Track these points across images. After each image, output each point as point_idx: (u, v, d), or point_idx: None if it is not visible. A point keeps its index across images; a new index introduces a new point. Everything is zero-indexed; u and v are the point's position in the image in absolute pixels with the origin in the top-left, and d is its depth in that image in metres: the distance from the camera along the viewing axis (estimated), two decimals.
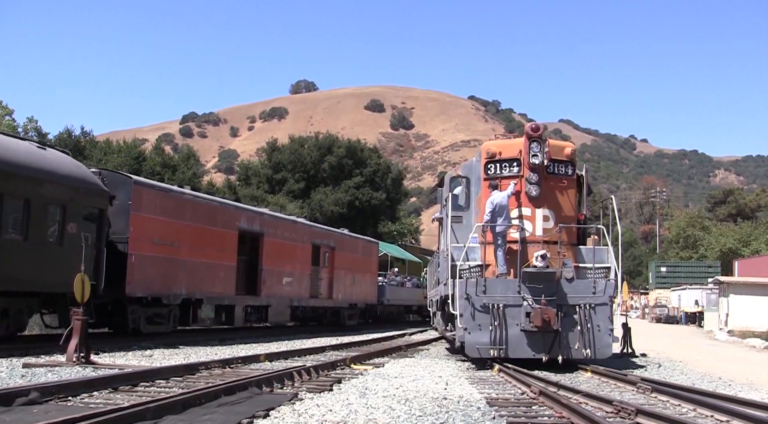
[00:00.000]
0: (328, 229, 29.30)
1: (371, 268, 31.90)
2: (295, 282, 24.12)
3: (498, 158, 14.86)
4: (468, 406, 8.39)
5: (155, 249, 17.50)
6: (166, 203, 18.04)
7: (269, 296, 22.65)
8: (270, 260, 22.50)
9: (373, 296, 31.72)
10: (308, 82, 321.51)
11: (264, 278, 22.12)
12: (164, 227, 17.85)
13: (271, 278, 22.54)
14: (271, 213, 24.31)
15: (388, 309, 34.37)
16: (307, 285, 25.12)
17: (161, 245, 17.68)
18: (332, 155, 60.84)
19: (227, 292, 20.45)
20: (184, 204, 18.74)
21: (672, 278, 61.13)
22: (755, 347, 24.07)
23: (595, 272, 14.11)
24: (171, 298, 18.32)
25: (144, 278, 17.15)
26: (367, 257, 31.51)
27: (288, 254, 23.74)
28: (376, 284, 32.38)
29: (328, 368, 12.07)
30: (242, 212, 21.66)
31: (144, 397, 8.26)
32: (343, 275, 28.29)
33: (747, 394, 10.51)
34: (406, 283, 36.82)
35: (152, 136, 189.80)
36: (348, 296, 28.89)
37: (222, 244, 20.11)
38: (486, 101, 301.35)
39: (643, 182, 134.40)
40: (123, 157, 46.89)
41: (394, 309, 35.46)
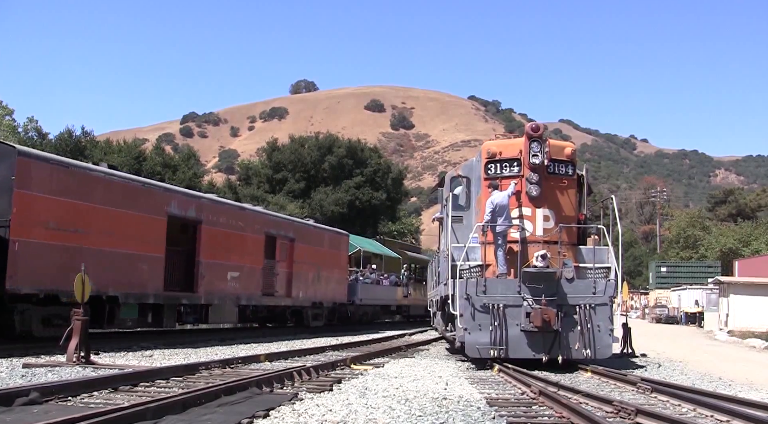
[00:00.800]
0: (287, 217, 26.12)
1: (340, 263, 28.59)
2: (243, 278, 20.98)
3: (498, 158, 14.85)
4: (468, 406, 8.39)
5: (50, 236, 14.51)
6: (67, 181, 15.01)
7: (209, 293, 19.55)
8: (210, 252, 19.44)
9: (343, 294, 28.47)
10: (308, 82, 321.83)
11: (202, 273, 19.04)
12: (64, 209, 14.86)
13: (212, 272, 19.50)
14: (212, 197, 21.15)
15: (362, 309, 31.42)
16: (259, 281, 21.94)
17: (59, 231, 14.70)
18: (332, 155, 60.89)
19: (153, 288, 17.32)
20: (92, 183, 15.59)
21: (672, 278, 61.12)
22: (755, 347, 24.06)
23: (596, 272, 14.10)
24: None
25: (33, 270, 14.12)
26: (335, 250, 28.10)
27: (234, 246, 20.63)
28: (346, 281, 29.15)
29: (328, 368, 12.07)
30: (172, 195, 18.35)
31: (144, 397, 8.26)
32: (305, 270, 25.06)
33: (747, 394, 10.50)
34: (382, 281, 33.59)
35: (152, 136, 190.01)
36: (311, 294, 25.66)
37: (145, 232, 17.02)
38: (486, 101, 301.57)
39: (643, 182, 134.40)
40: (123, 157, 46.96)
41: (368, 309, 32.38)
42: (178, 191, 19.30)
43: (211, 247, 19.54)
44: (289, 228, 24.34)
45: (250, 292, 21.63)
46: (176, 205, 18.22)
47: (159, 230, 17.56)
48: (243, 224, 21.15)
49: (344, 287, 28.67)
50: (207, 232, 19.36)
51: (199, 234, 19.18)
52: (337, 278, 28.03)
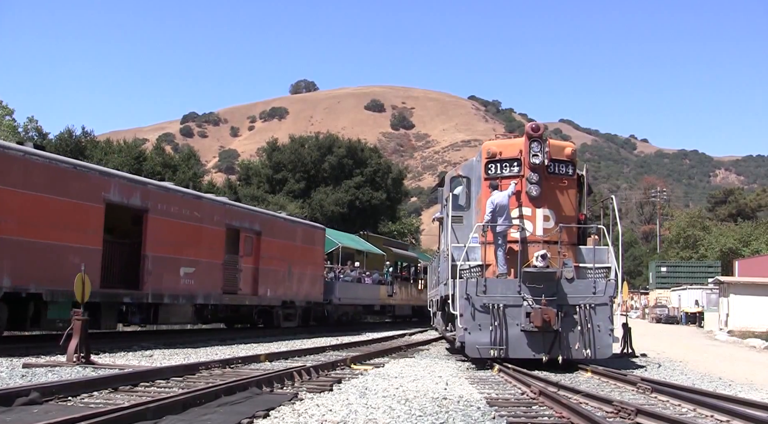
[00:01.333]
0: (252, 209, 23.82)
1: (315, 259, 26.30)
2: (200, 274, 18.97)
3: (498, 158, 14.85)
4: (468, 406, 8.39)
5: None
6: None
7: (158, 290, 17.49)
8: (160, 244, 17.49)
9: (318, 293, 26.37)
10: (308, 82, 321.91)
11: (149, 268, 16.98)
12: None
13: (162, 267, 17.51)
14: (161, 184, 19.18)
15: (341, 309, 29.37)
16: (219, 278, 20.06)
17: None
18: (332, 155, 60.92)
19: None
20: (7, 163, 13.73)
21: (672, 278, 61.12)
22: (755, 347, 24.06)
23: (596, 272, 14.10)
24: None
25: None
26: (309, 245, 25.82)
27: (189, 238, 18.67)
28: (322, 279, 26.92)
29: (328, 368, 12.07)
30: (111, 180, 16.31)
31: (144, 397, 8.26)
32: (274, 266, 22.98)
33: (747, 394, 10.50)
34: (364, 279, 31.31)
35: (153, 136, 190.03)
36: (282, 293, 23.61)
37: (78, 221, 15.19)
38: (486, 101, 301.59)
39: (643, 182, 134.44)
40: (124, 157, 46.99)
41: (348, 309, 30.30)
42: (119, 176, 17.14)
43: (161, 239, 17.57)
44: (254, 220, 22.24)
45: (209, 290, 19.64)
46: (117, 191, 16.23)
47: (94, 219, 15.53)
48: (200, 215, 19.18)
49: (320, 286, 26.51)
50: (155, 222, 17.38)
51: (146, 224, 17.18)
52: (312, 276, 25.83)
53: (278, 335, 22.46)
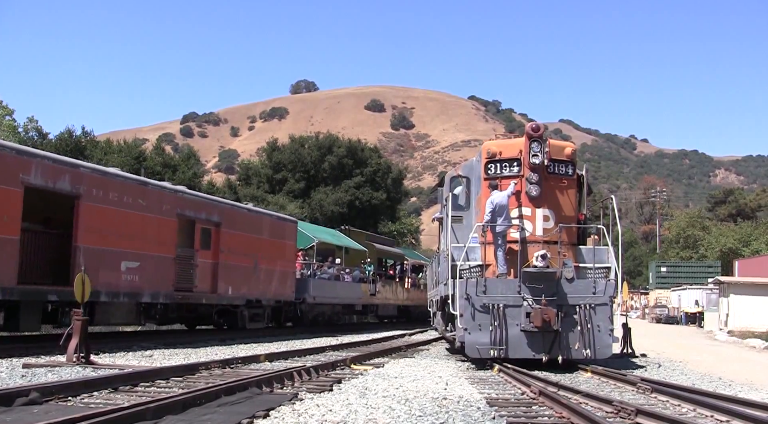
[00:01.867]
0: (209, 198, 21.68)
1: (285, 254, 24.10)
2: (146, 269, 16.99)
3: (498, 158, 14.85)
4: (468, 406, 8.39)
5: None
6: None
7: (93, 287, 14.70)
8: (94, 235, 15.56)
9: (289, 291, 24.27)
10: (308, 82, 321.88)
11: (81, 262, 14.64)
12: None
13: (97, 261, 15.45)
14: (97, 167, 17.17)
15: (317, 309, 27.17)
16: (169, 274, 18.10)
17: None
18: (332, 155, 60.89)
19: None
20: None
21: (672, 278, 61.13)
22: (755, 348, 24.06)
23: (596, 272, 14.10)
24: None
25: None
26: (279, 239, 23.71)
27: (132, 229, 16.72)
28: (294, 275, 24.79)
29: (328, 368, 12.07)
30: (32, 161, 14.32)
31: (144, 397, 8.27)
32: (236, 262, 21.06)
33: (747, 394, 10.50)
34: (344, 276, 29.26)
35: (153, 136, 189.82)
36: (246, 291, 21.70)
37: None
38: (486, 101, 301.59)
39: (643, 182, 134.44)
40: (123, 157, 46.99)
41: (325, 309, 28.04)
42: (43, 156, 15.19)
43: (97, 229, 15.63)
44: (212, 210, 20.20)
45: (157, 287, 17.65)
46: (40, 173, 14.36)
47: (10, 205, 13.71)
48: (145, 203, 17.24)
49: (291, 283, 24.40)
50: (90, 210, 15.46)
51: (78, 212, 15.30)
52: (282, 273, 23.72)
53: (278, 335, 22.44)
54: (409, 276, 38.49)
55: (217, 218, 20.24)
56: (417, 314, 37.71)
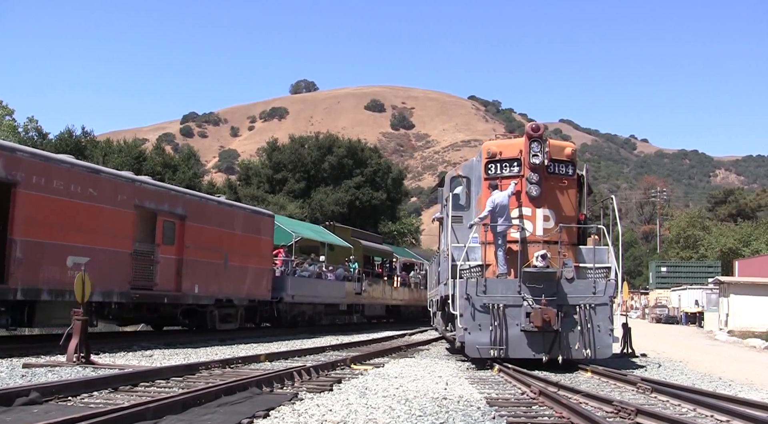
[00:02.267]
0: (173, 188, 19.87)
1: (260, 250, 22.51)
2: (99, 265, 15.24)
3: (498, 158, 14.86)
4: (468, 406, 8.40)
5: None
6: None
7: (33, 284, 14.11)
8: (35, 227, 14.21)
9: (265, 290, 22.62)
10: (308, 82, 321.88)
11: (19, 257, 13.66)
12: None
13: (37, 255, 14.20)
14: (37, 152, 15.51)
15: (296, 309, 25.36)
16: (125, 270, 16.60)
17: None
18: (332, 155, 60.91)
19: None
20: None
21: (672, 278, 61.15)
22: (755, 347, 24.07)
23: (596, 272, 14.11)
24: None
25: None
26: (253, 235, 22.12)
27: (80, 221, 15.32)
28: (270, 273, 23.15)
29: (328, 368, 12.07)
30: None
31: (144, 397, 8.27)
32: (204, 258, 19.51)
33: (747, 394, 10.51)
34: (326, 274, 27.48)
35: (153, 136, 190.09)
36: (216, 289, 20.10)
37: None
38: (486, 101, 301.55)
39: (643, 182, 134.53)
40: (123, 157, 47.00)
41: (305, 309, 26.21)
42: None
43: (38, 220, 14.31)
44: (176, 202, 18.59)
45: (110, 284, 16.10)
46: None
47: None
48: (97, 193, 15.82)
49: (267, 281, 22.75)
50: (29, 199, 14.12)
51: (15, 201, 13.95)
52: (257, 270, 22.16)
53: (279, 334, 22.45)
54: (399, 274, 36.87)
55: (181, 211, 18.67)
56: (408, 314, 36.83)
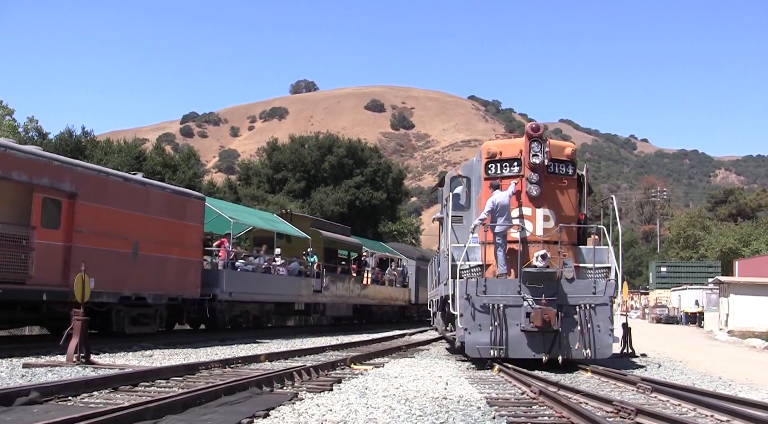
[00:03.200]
0: (60, 158, 16.06)
1: (186, 239, 19.00)
2: None
3: (498, 158, 14.87)
4: (468, 406, 8.40)
5: None
6: None
7: None
8: None
9: (193, 285, 19.21)
10: (308, 82, 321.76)
11: None
12: None
13: None
14: None
15: (236, 308, 22.00)
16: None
17: None
18: (332, 155, 60.90)
19: None
20: None
21: (672, 278, 61.17)
22: (755, 347, 24.07)
23: (596, 272, 14.11)
24: None
25: None
26: (176, 220, 18.64)
27: None
28: (198, 266, 19.64)
29: (328, 368, 12.08)
30: None
31: (144, 397, 8.26)
32: (103, 245, 16.09)
33: (747, 394, 10.51)
34: (277, 268, 23.95)
35: (153, 136, 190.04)
36: (122, 285, 16.69)
37: None
38: (486, 101, 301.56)
39: (643, 182, 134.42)
40: (123, 157, 46.98)
41: (249, 308, 22.79)
42: None
43: None
44: (63, 176, 15.18)
45: None
46: None
47: None
48: None
49: (194, 276, 19.34)
50: None
51: None
52: (181, 262, 18.73)
53: (278, 334, 22.43)
54: (370, 270, 33.02)
55: (70, 187, 15.27)
56: (381, 315, 34.22)
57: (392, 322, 34.57)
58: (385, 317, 34.61)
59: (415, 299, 36.90)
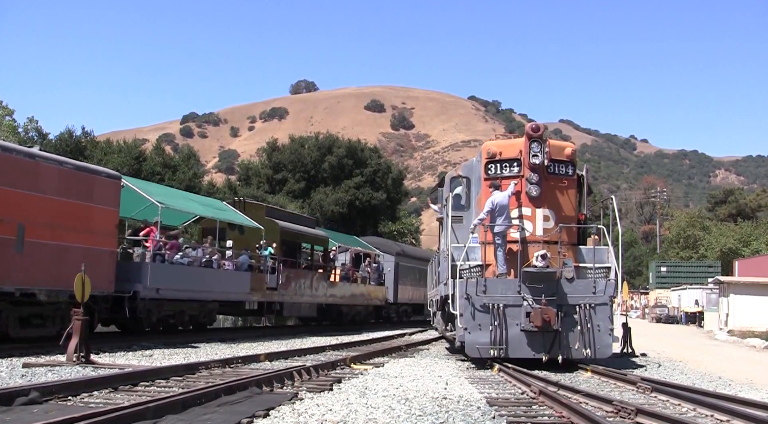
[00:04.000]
0: None
1: (96, 224, 16.07)
2: None
3: (498, 158, 14.87)
4: (468, 406, 8.40)
5: None
6: None
7: None
8: None
9: (104, 280, 16.05)
10: (308, 82, 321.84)
11: None
12: None
13: None
14: None
15: (167, 307, 18.76)
16: None
17: None
18: (332, 155, 60.89)
19: None
20: None
21: (672, 277, 61.14)
22: (755, 347, 24.06)
23: (596, 271, 14.11)
24: None
25: None
26: (79, 200, 15.65)
27: None
28: (111, 256, 16.50)
29: (328, 367, 12.08)
30: None
31: (144, 397, 8.26)
32: None
33: (747, 394, 10.51)
34: (221, 262, 20.79)
35: (152, 136, 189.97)
36: (2, 277, 13.79)
37: None
38: (486, 101, 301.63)
39: (643, 182, 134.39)
40: (123, 157, 46.98)
41: (184, 308, 19.60)
42: None
43: None
44: None
45: None
46: None
47: None
48: None
49: (108, 269, 16.34)
50: None
51: None
52: (88, 252, 15.52)
53: (278, 334, 22.41)
54: (339, 266, 29.70)
55: None
56: (353, 315, 30.39)
57: (366, 323, 31.57)
58: (358, 317, 31.09)
59: (394, 298, 34.32)
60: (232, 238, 23.05)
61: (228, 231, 23.01)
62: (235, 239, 23.00)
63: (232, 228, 23.10)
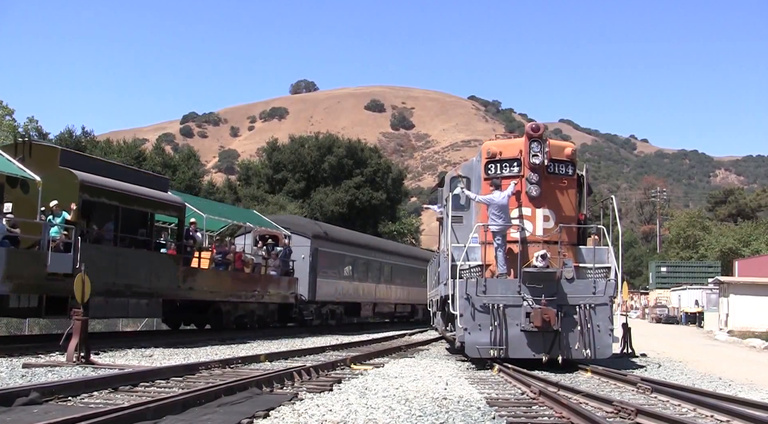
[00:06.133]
0: None
1: None
2: None
3: (498, 158, 14.87)
4: (468, 406, 8.40)
5: None
6: None
7: None
8: None
9: None
10: (308, 82, 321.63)
11: None
12: None
13: None
14: None
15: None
16: None
17: None
18: (332, 155, 60.92)
19: None
20: None
21: (672, 278, 61.18)
22: (755, 347, 24.07)
23: (596, 272, 14.12)
24: None
25: None
26: None
27: None
28: None
29: (328, 368, 12.08)
30: None
31: (144, 397, 8.27)
32: None
33: (747, 394, 10.51)
34: None
35: (152, 136, 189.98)
36: None
37: None
38: (486, 101, 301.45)
39: (643, 182, 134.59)
40: (123, 157, 46.99)
41: None
42: None
43: None
44: None
45: None
46: None
47: None
48: None
49: None
50: None
51: None
52: None
53: (278, 334, 22.42)
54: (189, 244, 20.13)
55: None
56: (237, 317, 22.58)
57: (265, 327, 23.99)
58: (244, 319, 23.03)
59: (311, 294, 26.27)
60: (13, 199, 16.03)
61: (7, 188, 16.15)
62: (17, 200, 15.93)
63: (12, 184, 16.06)
